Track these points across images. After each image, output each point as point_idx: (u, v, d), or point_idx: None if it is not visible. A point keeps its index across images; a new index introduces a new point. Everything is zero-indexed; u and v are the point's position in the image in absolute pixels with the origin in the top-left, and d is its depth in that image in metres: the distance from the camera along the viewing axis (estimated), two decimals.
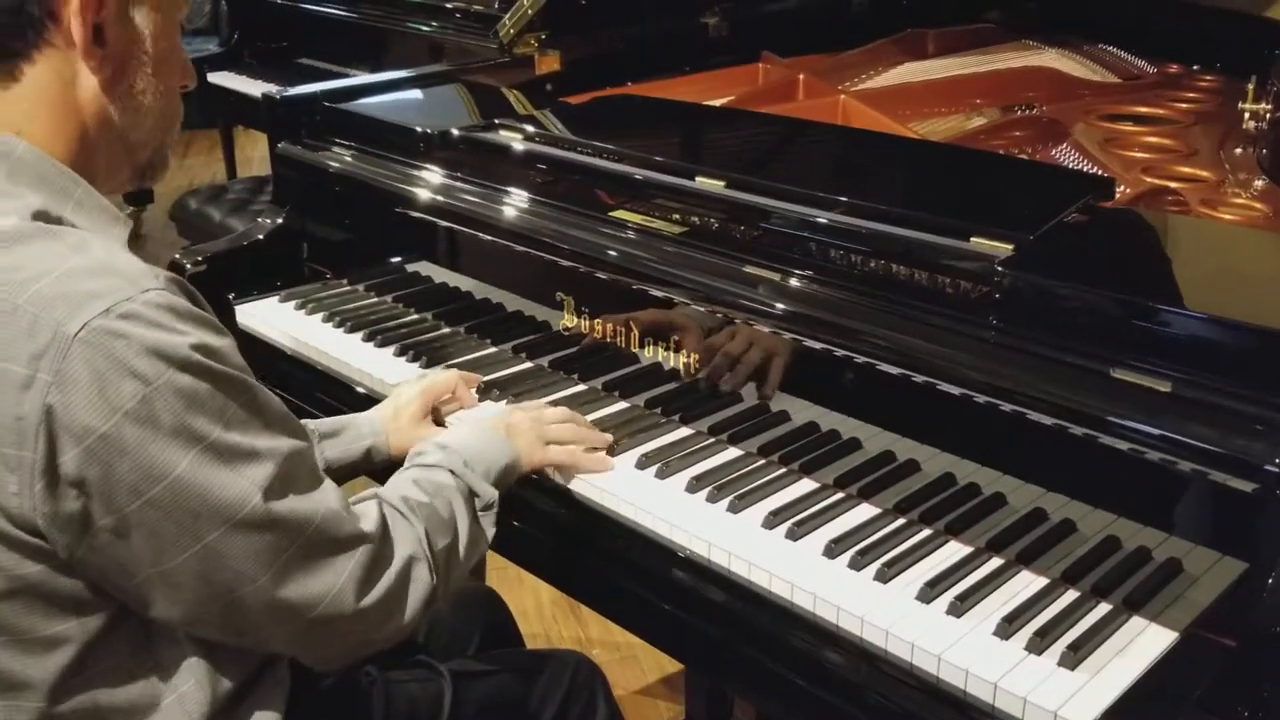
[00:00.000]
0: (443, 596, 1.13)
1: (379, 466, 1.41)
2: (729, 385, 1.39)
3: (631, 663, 2.42)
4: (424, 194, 1.70)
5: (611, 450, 1.37)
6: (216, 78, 3.92)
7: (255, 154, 5.47)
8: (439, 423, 1.46)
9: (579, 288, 1.51)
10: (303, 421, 1.34)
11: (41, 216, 0.95)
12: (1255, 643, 0.95)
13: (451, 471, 1.20)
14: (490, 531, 1.21)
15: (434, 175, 1.71)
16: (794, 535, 1.20)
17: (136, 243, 2.76)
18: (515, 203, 1.60)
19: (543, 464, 1.33)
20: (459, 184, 1.68)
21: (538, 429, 1.34)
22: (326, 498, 1.02)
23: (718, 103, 1.99)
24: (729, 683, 1.47)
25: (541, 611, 2.60)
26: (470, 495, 1.20)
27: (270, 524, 0.96)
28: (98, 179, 1.04)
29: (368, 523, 1.06)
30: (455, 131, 1.77)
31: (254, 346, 1.75)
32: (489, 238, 1.61)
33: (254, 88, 3.75)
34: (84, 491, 0.89)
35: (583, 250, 1.48)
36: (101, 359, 0.88)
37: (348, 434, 1.39)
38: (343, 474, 1.38)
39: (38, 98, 1.00)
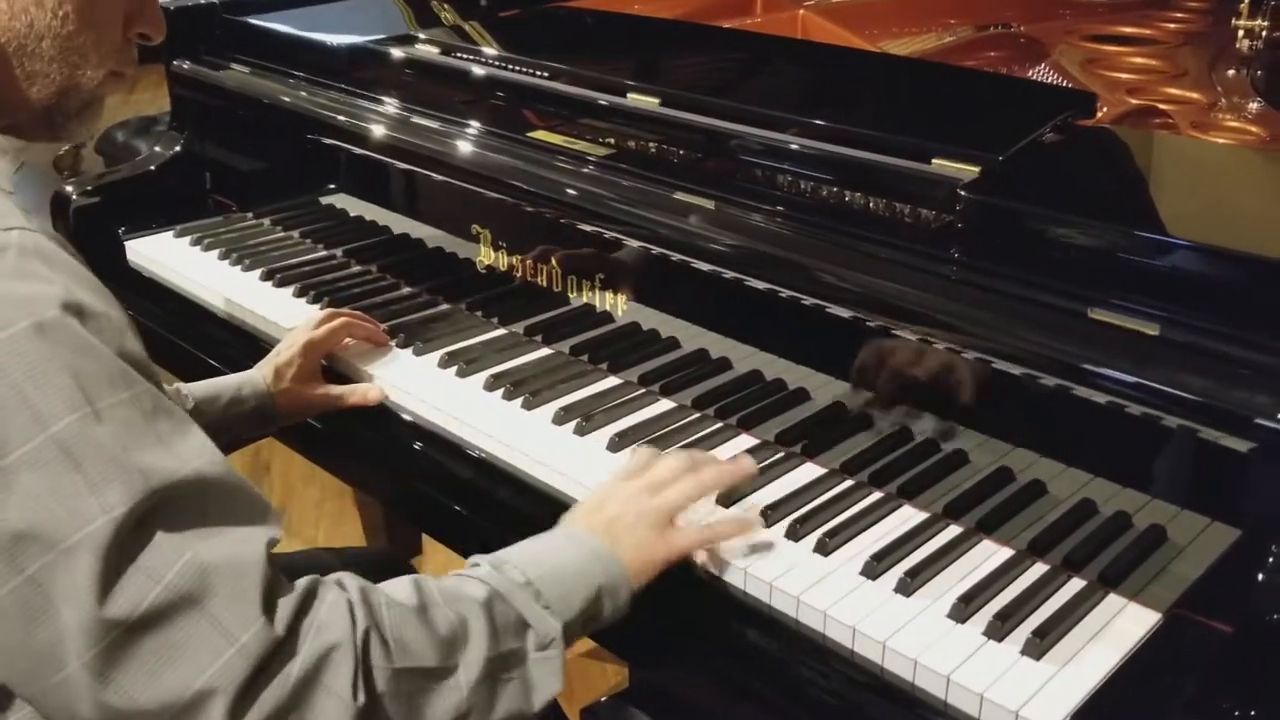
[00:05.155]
0: None
1: (273, 427, 1.28)
2: (663, 330, 1.23)
3: None
4: (332, 116, 1.53)
5: (529, 403, 1.22)
6: None
7: None
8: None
9: (495, 219, 1.34)
10: (175, 386, 1.19)
11: None
12: (1254, 632, 0.81)
13: (496, 591, 0.86)
14: (551, 684, 0.85)
15: (343, 95, 1.55)
16: (725, 502, 1.05)
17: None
18: (429, 125, 1.43)
19: (669, 560, 0.96)
20: (370, 104, 1.51)
21: (657, 506, 0.96)
22: (231, 546, 0.73)
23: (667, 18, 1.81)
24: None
25: None
26: (521, 625, 0.85)
27: (119, 566, 0.69)
28: None
29: (281, 601, 0.75)
30: (364, 47, 1.59)
31: (142, 285, 1.60)
32: (401, 165, 1.45)
33: None
34: None
35: (497, 175, 1.32)
36: None
37: (224, 399, 1.24)
38: (235, 435, 1.24)
39: None
